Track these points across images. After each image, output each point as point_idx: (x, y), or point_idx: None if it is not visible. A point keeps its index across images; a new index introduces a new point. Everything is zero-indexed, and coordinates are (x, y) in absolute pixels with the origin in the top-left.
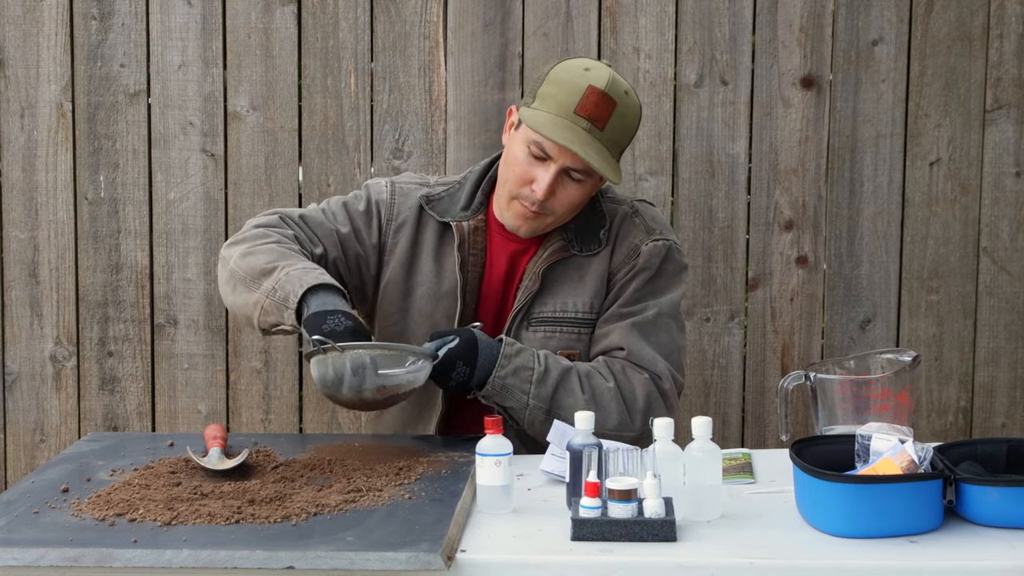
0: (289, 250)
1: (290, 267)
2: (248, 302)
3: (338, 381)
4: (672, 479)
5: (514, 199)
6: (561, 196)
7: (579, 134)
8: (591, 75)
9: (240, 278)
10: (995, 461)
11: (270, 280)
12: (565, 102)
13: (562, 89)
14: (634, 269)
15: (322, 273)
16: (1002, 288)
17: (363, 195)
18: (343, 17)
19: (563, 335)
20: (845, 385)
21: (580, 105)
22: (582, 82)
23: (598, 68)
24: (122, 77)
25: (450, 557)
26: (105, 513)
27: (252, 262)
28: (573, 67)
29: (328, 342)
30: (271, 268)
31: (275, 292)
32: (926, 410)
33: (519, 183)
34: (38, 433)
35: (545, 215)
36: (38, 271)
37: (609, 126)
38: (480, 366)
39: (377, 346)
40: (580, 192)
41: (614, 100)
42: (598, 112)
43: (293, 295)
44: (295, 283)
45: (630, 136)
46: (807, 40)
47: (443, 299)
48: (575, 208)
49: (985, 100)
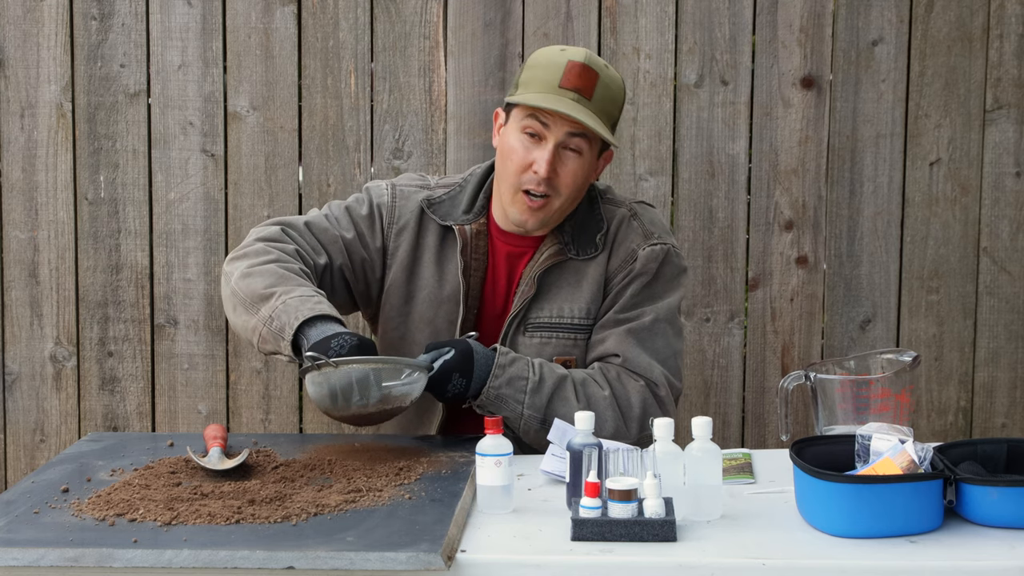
0: (288, 271)
1: (287, 295)
2: (247, 326)
3: (333, 396)
4: (672, 479)
5: (517, 192)
6: (563, 173)
7: (569, 103)
8: (568, 52)
9: (240, 299)
10: (995, 461)
11: (267, 307)
12: (549, 80)
13: (542, 70)
14: (631, 274)
15: (318, 302)
16: (1002, 288)
17: (364, 198)
18: (343, 17)
19: (559, 341)
20: (845, 385)
21: (564, 79)
22: (561, 59)
23: (574, 48)
24: (122, 77)
25: (450, 557)
26: (105, 513)
27: (251, 284)
28: (549, 50)
29: (321, 358)
30: (269, 294)
31: (272, 321)
32: (926, 410)
33: (520, 170)
34: (38, 433)
35: (551, 199)
36: (38, 271)
37: (596, 96)
38: (475, 377)
39: (371, 360)
40: (580, 167)
41: (595, 71)
42: (582, 83)
43: (289, 327)
44: (291, 314)
45: (618, 107)
46: (807, 40)
47: (445, 304)
48: (578, 188)
49: (985, 100)
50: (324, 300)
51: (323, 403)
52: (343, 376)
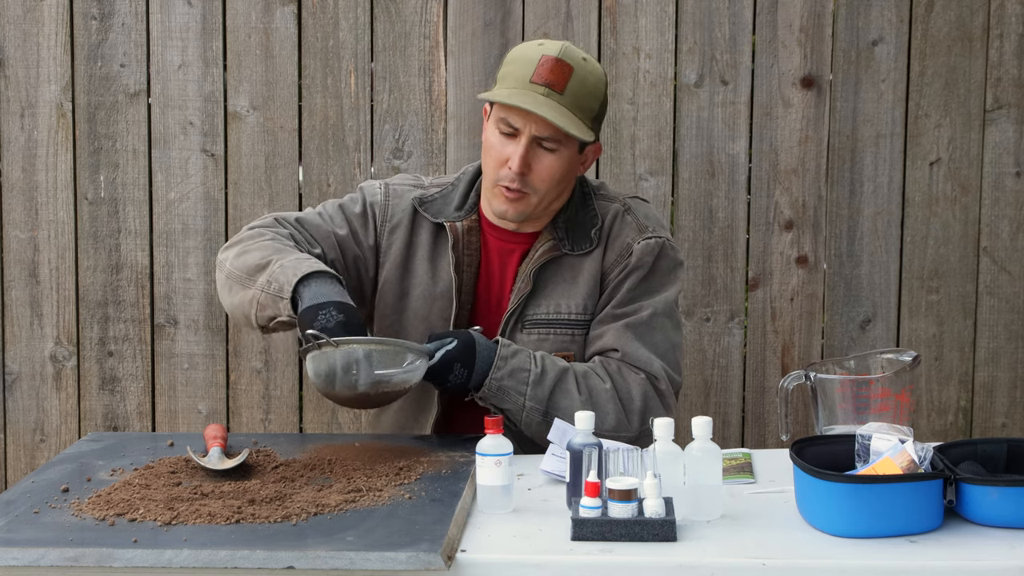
0: (284, 245)
1: (283, 259)
2: (244, 299)
3: (332, 377)
4: (672, 479)
5: (496, 185)
6: (538, 169)
7: (536, 99)
8: (544, 47)
9: (236, 278)
10: (995, 461)
11: (264, 274)
12: (520, 75)
13: (517, 65)
14: (627, 268)
15: (316, 262)
16: (1002, 288)
17: (358, 197)
18: (343, 17)
19: (557, 337)
20: (845, 385)
21: (535, 74)
22: (534, 55)
23: (552, 42)
24: (122, 77)
25: (450, 557)
26: (105, 513)
27: (246, 260)
28: (527, 45)
29: (323, 337)
30: (265, 263)
31: (270, 285)
32: (926, 410)
33: (497, 166)
34: (38, 433)
35: (527, 194)
36: (38, 271)
37: (568, 90)
38: (477, 368)
39: (373, 341)
40: (557, 164)
41: (570, 65)
42: (553, 77)
43: (287, 284)
44: (289, 273)
45: (598, 100)
46: (807, 40)
47: (438, 300)
48: (557, 183)
49: (985, 100)
50: (320, 262)
51: (321, 383)
52: (342, 357)
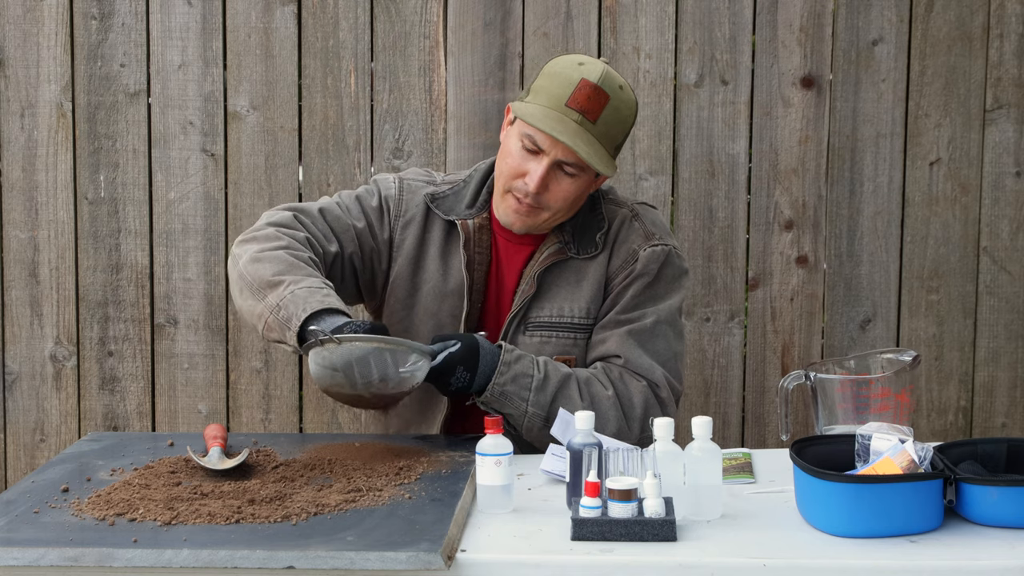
0: (297, 259)
1: (295, 284)
2: (253, 311)
3: (334, 375)
4: (672, 479)
5: (507, 192)
6: (554, 190)
7: (569, 126)
8: (584, 69)
9: (247, 283)
10: (995, 461)
11: (275, 295)
12: (557, 95)
13: (555, 82)
14: (632, 275)
15: (326, 295)
16: (1002, 288)
17: (374, 190)
18: (343, 17)
19: (559, 340)
20: (845, 385)
21: (572, 98)
22: (575, 75)
23: (593, 63)
24: (122, 77)
25: (450, 557)
26: (105, 513)
27: (259, 270)
28: (567, 61)
29: (326, 334)
30: (277, 281)
31: (279, 311)
32: (926, 410)
33: (512, 176)
34: (38, 433)
35: (539, 209)
36: (38, 271)
37: (602, 119)
38: (480, 372)
39: (375, 339)
40: (574, 187)
41: (607, 93)
42: (590, 105)
43: (296, 318)
44: (299, 305)
45: (625, 131)
46: (807, 40)
47: (448, 297)
48: (571, 204)
49: (985, 100)
50: (332, 293)
51: (322, 381)
52: (344, 355)
